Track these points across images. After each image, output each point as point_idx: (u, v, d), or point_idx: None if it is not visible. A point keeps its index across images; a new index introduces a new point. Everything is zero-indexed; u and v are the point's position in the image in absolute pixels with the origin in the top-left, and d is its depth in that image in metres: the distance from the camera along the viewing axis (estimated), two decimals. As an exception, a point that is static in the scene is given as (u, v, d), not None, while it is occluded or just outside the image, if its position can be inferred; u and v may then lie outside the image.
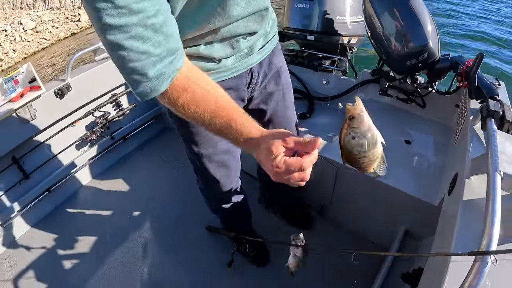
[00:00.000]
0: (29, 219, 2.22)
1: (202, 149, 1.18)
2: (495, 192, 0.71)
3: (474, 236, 0.71)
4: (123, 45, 0.62)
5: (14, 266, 2.00)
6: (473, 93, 1.31)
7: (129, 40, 0.62)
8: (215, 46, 0.92)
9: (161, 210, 2.19)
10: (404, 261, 1.44)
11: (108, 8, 0.58)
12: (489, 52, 5.24)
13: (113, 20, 0.60)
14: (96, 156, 2.50)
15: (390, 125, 1.75)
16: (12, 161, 2.08)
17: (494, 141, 0.86)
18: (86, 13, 0.63)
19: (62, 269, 1.94)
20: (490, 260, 0.61)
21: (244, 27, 0.91)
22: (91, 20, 0.62)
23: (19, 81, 1.98)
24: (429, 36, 1.49)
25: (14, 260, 2.04)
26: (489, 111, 1.01)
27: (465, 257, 0.67)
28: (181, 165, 2.48)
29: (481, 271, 0.62)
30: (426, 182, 1.41)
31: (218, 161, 1.25)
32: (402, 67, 1.58)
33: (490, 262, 0.61)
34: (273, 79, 1.21)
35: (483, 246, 0.65)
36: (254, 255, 1.75)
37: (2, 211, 2.04)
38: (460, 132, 1.38)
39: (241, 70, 1.03)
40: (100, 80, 2.32)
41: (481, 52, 1.33)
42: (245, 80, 1.08)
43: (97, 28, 0.63)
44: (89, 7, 0.60)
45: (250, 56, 1.03)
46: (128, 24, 0.61)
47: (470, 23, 6.53)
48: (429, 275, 1.02)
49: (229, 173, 1.35)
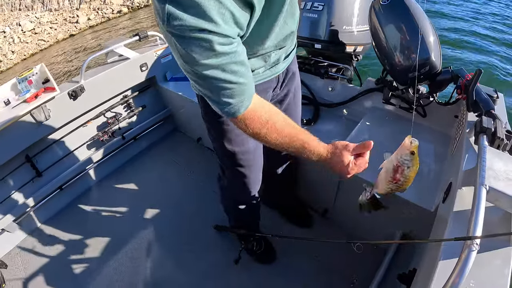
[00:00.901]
0: (41, 215, 2.31)
1: (235, 147, 1.31)
2: (479, 205, 0.79)
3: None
4: (219, 78, 0.78)
5: (26, 260, 2.09)
6: (470, 107, 1.38)
7: (223, 73, 0.78)
8: (251, 61, 1.06)
9: (170, 209, 2.27)
10: (401, 263, 1.53)
11: (208, 53, 0.73)
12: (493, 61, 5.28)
13: (213, 61, 0.74)
14: (107, 156, 2.59)
15: (392, 132, 1.83)
16: (26, 160, 2.16)
17: (484, 157, 0.95)
18: (175, 51, 0.77)
19: (72, 265, 2.02)
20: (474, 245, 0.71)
21: (276, 45, 1.06)
22: (184, 58, 0.76)
23: (32, 82, 2.05)
24: (431, 49, 1.56)
25: (26, 255, 2.13)
26: (482, 127, 1.09)
27: (452, 261, 0.76)
28: (191, 170, 2.56)
29: (467, 256, 0.72)
30: (423, 189, 1.48)
31: (248, 159, 1.38)
32: (404, 78, 1.65)
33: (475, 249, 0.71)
34: (289, 82, 1.37)
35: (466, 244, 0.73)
36: (260, 252, 1.84)
37: (15, 207, 2.13)
38: (457, 142, 1.45)
39: (270, 77, 1.20)
40: (112, 82, 2.40)
41: (480, 69, 1.40)
42: (272, 85, 1.26)
43: (191, 64, 0.76)
44: (186, 50, 0.73)
45: (277, 65, 1.20)
46: (224, 63, 0.76)
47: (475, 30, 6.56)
48: (421, 275, 1.11)
49: (256, 170, 1.48)
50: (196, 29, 0.69)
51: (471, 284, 0.84)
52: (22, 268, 2.05)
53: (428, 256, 1.15)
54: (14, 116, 1.91)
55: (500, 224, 0.99)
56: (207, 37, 0.70)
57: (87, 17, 16.65)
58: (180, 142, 2.86)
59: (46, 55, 14.30)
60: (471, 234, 0.74)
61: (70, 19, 16.67)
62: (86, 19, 16.57)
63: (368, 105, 2.03)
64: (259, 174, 1.53)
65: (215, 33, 0.71)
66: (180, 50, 0.74)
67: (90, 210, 2.39)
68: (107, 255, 2.05)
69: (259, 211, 1.78)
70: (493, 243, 0.93)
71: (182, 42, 0.72)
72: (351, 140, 1.74)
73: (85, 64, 2.20)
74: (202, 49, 0.72)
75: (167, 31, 0.71)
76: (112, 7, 17.06)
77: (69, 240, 2.19)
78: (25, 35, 15.85)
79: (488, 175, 0.88)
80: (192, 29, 0.69)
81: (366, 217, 1.58)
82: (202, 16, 0.68)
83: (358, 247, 1.11)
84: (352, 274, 1.73)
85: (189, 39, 0.71)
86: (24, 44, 15.45)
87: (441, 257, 0.91)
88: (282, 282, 1.77)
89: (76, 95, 2.19)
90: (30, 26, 16.17)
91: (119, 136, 2.62)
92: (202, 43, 0.71)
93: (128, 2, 17.22)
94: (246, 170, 1.44)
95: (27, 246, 2.19)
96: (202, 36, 0.70)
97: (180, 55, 0.76)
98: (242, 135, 1.27)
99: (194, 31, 0.69)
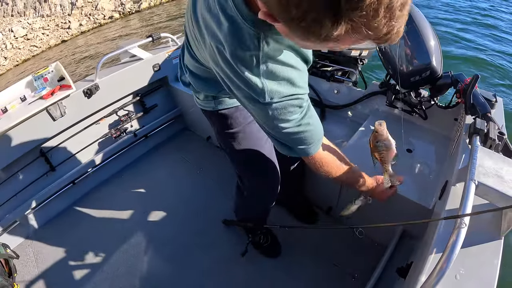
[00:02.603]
0: (53, 208, 2.40)
1: (250, 154, 1.40)
2: (468, 196, 0.88)
3: (451, 230, 0.87)
4: (300, 136, 0.97)
5: (37, 252, 2.17)
6: (468, 110, 1.46)
7: (304, 133, 0.96)
8: None
9: (179, 205, 2.34)
10: (400, 257, 1.60)
11: (297, 109, 0.90)
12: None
13: (298, 115, 0.91)
14: (119, 152, 2.68)
15: (395, 134, 1.89)
16: (40, 154, 2.25)
17: (475, 155, 1.03)
18: (265, 117, 0.93)
19: (82, 256, 2.10)
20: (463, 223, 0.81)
21: None
22: (275, 120, 0.91)
23: (48, 79, 2.12)
24: (432, 55, 1.62)
25: (37, 246, 2.21)
26: (475, 128, 1.17)
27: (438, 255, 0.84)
28: (200, 167, 2.63)
29: (457, 234, 0.80)
30: (423, 187, 1.55)
31: (265, 165, 1.46)
32: (406, 83, 1.73)
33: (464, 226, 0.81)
34: None
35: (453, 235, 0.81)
36: (267, 246, 1.93)
37: (28, 200, 2.22)
38: (456, 144, 1.53)
39: None
40: (125, 81, 2.48)
41: (477, 74, 1.48)
42: None
43: (281, 122, 0.91)
44: (281, 113, 0.89)
45: None
46: (305, 113, 0.93)
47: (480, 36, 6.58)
48: (416, 266, 1.18)
49: (275, 175, 1.54)
50: (291, 96, 0.86)
51: (461, 271, 0.92)
52: (34, 259, 2.13)
53: (423, 249, 1.22)
54: (30, 112, 1.98)
55: (491, 218, 1.07)
56: (298, 99, 0.88)
57: (79, 22, 16.59)
58: (190, 141, 2.94)
59: (38, 61, 14.32)
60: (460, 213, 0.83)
61: (62, 25, 16.66)
62: (78, 24, 16.55)
63: (372, 108, 2.11)
64: (278, 178, 1.57)
65: (303, 94, 0.89)
66: (275, 115, 0.89)
67: (101, 204, 2.47)
68: (118, 248, 2.12)
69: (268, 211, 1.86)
70: (483, 236, 1.02)
71: (279, 109, 0.87)
72: (355, 140, 1.83)
73: (100, 63, 2.26)
74: (294, 108, 0.89)
75: (264, 104, 0.86)
76: (104, 12, 16.99)
77: (79, 232, 2.27)
78: (17, 41, 15.84)
79: (478, 172, 0.96)
80: (288, 97, 0.86)
81: (368, 216, 1.67)
82: (294, 85, 0.85)
83: (360, 232, 1.29)
84: (353, 269, 1.81)
85: (285, 105, 0.87)
86: (17, 50, 15.45)
87: (433, 247, 0.99)
88: (286, 276, 1.85)
89: (91, 93, 2.26)
90: (23, 32, 16.14)
91: (131, 134, 2.70)
92: (295, 107, 0.88)
93: (120, 8, 17.16)
94: (264, 178, 1.51)
95: (38, 238, 2.27)
96: (294, 100, 0.87)
97: (272, 119, 0.90)
98: (257, 142, 1.37)
99: (289, 97, 0.86)
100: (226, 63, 0.84)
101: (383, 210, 1.71)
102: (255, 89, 0.83)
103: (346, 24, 0.48)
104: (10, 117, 1.96)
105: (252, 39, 0.77)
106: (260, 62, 0.80)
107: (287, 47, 0.82)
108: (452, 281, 0.88)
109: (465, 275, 0.90)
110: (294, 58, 0.85)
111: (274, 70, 0.81)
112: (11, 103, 2.03)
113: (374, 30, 0.49)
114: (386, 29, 0.50)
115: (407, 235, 1.68)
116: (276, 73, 0.82)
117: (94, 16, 16.88)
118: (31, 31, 16.34)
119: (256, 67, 0.80)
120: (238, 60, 0.80)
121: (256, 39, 0.77)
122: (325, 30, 0.50)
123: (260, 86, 0.82)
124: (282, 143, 1.01)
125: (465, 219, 0.82)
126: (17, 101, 2.06)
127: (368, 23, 0.48)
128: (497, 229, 1.04)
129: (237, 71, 0.82)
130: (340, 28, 0.49)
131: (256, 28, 0.75)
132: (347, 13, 0.47)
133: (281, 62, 0.82)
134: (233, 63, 0.81)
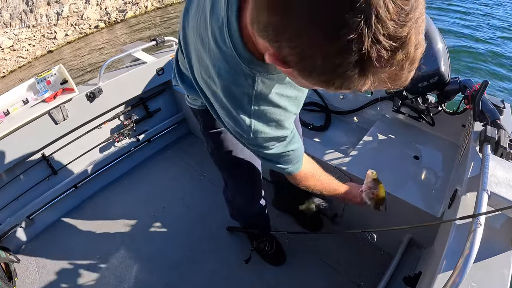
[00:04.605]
0: (54, 212, 2.38)
1: (231, 156, 1.36)
2: (480, 208, 0.85)
3: (463, 240, 0.84)
4: (284, 152, 0.96)
5: (38, 256, 2.14)
6: (477, 116, 1.43)
7: (287, 148, 0.95)
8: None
9: (182, 210, 2.32)
10: (407, 266, 1.57)
11: (280, 143, 0.91)
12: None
13: (281, 145, 0.93)
14: (122, 156, 2.66)
15: (401, 141, 1.87)
16: (42, 158, 2.23)
17: (487, 164, 1.00)
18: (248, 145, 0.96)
19: (84, 261, 2.07)
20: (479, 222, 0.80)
21: None
22: (259, 149, 0.94)
23: (51, 82, 2.10)
24: (440, 60, 1.60)
25: (38, 250, 2.18)
26: (486, 136, 1.15)
27: (454, 261, 0.82)
28: (204, 173, 2.61)
29: (473, 235, 0.79)
30: (431, 195, 1.53)
31: (244, 169, 1.43)
32: (414, 88, 1.71)
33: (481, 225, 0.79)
34: None
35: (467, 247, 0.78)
36: (272, 253, 1.89)
37: (29, 203, 2.20)
38: (464, 151, 1.50)
39: None
40: (129, 85, 2.46)
41: (486, 80, 1.45)
42: None
43: (263, 150, 0.94)
44: (264, 148, 0.92)
45: None
46: (288, 141, 0.93)
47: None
48: (425, 277, 1.15)
49: (255, 180, 1.52)
50: (276, 137, 0.88)
51: (473, 284, 0.89)
52: (35, 263, 2.11)
53: (432, 259, 1.19)
54: (33, 115, 1.97)
55: (502, 229, 1.04)
56: (283, 138, 0.90)
57: (65, 32, 16.55)
58: (193, 145, 2.92)
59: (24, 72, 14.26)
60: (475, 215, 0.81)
61: (48, 35, 16.62)
62: (64, 35, 16.54)
63: (378, 113, 2.08)
64: (259, 184, 1.57)
65: (287, 135, 0.91)
66: (258, 144, 0.91)
67: (103, 209, 2.44)
68: (120, 253, 2.10)
69: (267, 216, 1.83)
70: (494, 247, 0.99)
71: (261, 144, 0.89)
72: (361, 146, 1.80)
73: (104, 67, 2.25)
74: (276, 143, 0.91)
75: (249, 138, 0.85)
76: (89, 22, 16.98)
77: (81, 237, 2.25)
78: (3, 52, 15.74)
79: (490, 181, 0.94)
80: (272, 137, 0.87)
81: (375, 223, 1.64)
82: (281, 127, 0.86)
83: (371, 237, 1.28)
84: (359, 277, 1.77)
85: (268, 141, 0.89)
86: (3, 61, 15.38)
87: (444, 258, 0.96)
88: (291, 284, 1.81)
89: (93, 97, 2.24)
90: (9, 43, 16.06)
91: (134, 138, 2.68)
92: (277, 141, 0.91)
93: (105, 17, 17.14)
94: (245, 180, 1.50)
95: (40, 242, 2.25)
96: (279, 138, 0.89)
97: (254, 146, 0.93)
98: (237, 145, 1.34)
99: (274, 138, 0.88)
100: (214, 96, 0.83)
101: (391, 217, 1.69)
102: (242, 126, 0.82)
103: (373, 79, 0.46)
104: (12, 120, 1.95)
105: (246, 78, 0.74)
106: (252, 101, 0.78)
107: (285, 84, 0.80)
108: None
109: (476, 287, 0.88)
110: (287, 98, 0.83)
111: (264, 111, 0.81)
112: (13, 105, 2.02)
113: (397, 81, 0.48)
114: (405, 78, 0.49)
115: (414, 244, 1.65)
116: (266, 115, 0.81)
117: (80, 26, 16.89)
118: (17, 42, 16.26)
119: (248, 106, 0.78)
120: (230, 96, 0.78)
121: (251, 78, 0.74)
122: (351, 84, 0.47)
123: (248, 124, 0.81)
124: (264, 158, 1.02)
125: (480, 218, 0.80)
126: (19, 103, 2.04)
127: (394, 77, 0.47)
128: (507, 240, 1.01)
129: (226, 106, 0.81)
130: (366, 84, 0.47)
131: (252, 68, 0.72)
132: (376, 71, 0.44)
133: (273, 104, 0.80)
134: (223, 97, 0.79)
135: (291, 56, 0.49)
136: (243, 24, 0.65)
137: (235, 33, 0.67)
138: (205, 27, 0.75)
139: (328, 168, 1.71)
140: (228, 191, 1.70)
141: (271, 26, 0.48)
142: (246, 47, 0.68)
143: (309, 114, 2.32)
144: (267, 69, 0.73)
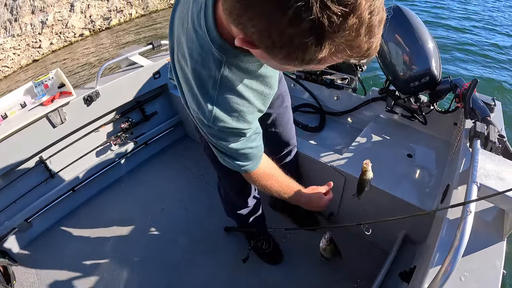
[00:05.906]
0: (52, 216, 2.38)
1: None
2: (470, 197, 0.88)
3: (455, 231, 0.87)
4: (242, 149, 0.96)
5: (36, 259, 2.15)
6: (468, 114, 1.47)
7: (246, 145, 0.95)
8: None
9: (180, 212, 2.33)
10: (402, 262, 1.59)
11: (239, 138, 0.91)
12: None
13: (241, 142, 0.93)
14: (119, 160, 2.67)
15: (395, 140, 1.91)
16: (39, 161, 2.24)
17: (476, 158, 1.03)
18: (207, 135, 0.95)
19: (82, 264, 2.08)
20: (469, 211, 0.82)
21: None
22: (217, 141, 0.94)
23: (48, 86, 2.11)
24: (431, 60, 1.64)
25: (36, 253, 2.19)
26: (476, 132, 1.18)
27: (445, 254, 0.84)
28: (200, 175, 2.63)
29: (464, 222, 0.81)
30: (424, 192, 1.56)
31: None
32: (406, 88, 1.74)
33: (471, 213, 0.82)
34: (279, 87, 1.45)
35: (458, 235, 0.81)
36: (269, 252, 1.92)
37: (27, 207, 2.20)
38: (456, 148, 1.54)
39: None
40: (126, 88, 2.48)
41: (476, 78, 1.49)
42: None
43: (222, 145, 0.94)
44: (222, 138, 0.91)
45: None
46: (248, 137, 0.93)
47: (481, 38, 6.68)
48: (419, 271, 1.18)
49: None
50: (236, 129, 0.86)
51: (465, 273, 0.92)
52: (33, 266, 2.11)
53: (425, 252, 1.22)
54: (30, 119, 1.98)
55: (494, 221, 1.07)
56: (242, 133, 0.89)
57: (50, 41, 16.35)
58: (190, 148, 2.94)
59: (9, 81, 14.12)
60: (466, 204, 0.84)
61: (33, 44, 16.34)
62: (49, 43, 16.33)
63: (371, 114, 2.12)
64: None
65: (247, 129, 0.89)
66: (216, 135, 0.90)
67: (101, 211, 2.45)
68: (118, 255, 2.11)
69: (262, 214, 1.86)
70: (486, 239, 1.02)
71: (220, 135, 0.89)
72: (355, 146, 1.83)
73: (101, 71, 2.26)
74: (236, 138, 0.91)
75: (209, 126, 0.85)
76: (74, 30, 16.80)
77: (80, 240, 2.26)
78: None
79: (479, 174, 0.97)
80: (232, 129, 0.86)
81: (370, 220, 1.66)
82: (242, 120, 0.85)
83: (367, 229, 1.27)
84: (356, 274, 1.80)
85: (227, 134, 0.88)
86: None
87: (437, 250, 0.99)
88: (288, 282, 1.83)
89: (91, 100, 2.26)
90: None
91: (131, 141, 2.69)
92: (237, 136, 0.90)
93: (90, 26, 17.01)
94: (238, 177, 1.52)
95: (38, 245, 2.25)
96: (237, 132, 0.88)
97: (213, 136, 0.92)
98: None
99: (232, 129, 0.86)
100: (185, 80, 0.85)
101: (386, 215, 1.72)
102: (204, 110, 0.82)
103: (330, 46, 0.49)
104: (10, 123, 1.95)
105: (215, 61, 0.76)
106: (216, 86, 0.79)
107: (253, 77, 0.83)
108: (457, 283, 0.88)
109: (469, 277, 0.90)
110: (253, 91, 0.85)
111: (227, 99, 0.81)
112: (11, 109, 2.02)
113: (356, 49, 0.50)
114: (366, 46, 0.51)
115: (409, 240, 1.68)
116: (229, 103, 0.82)
117: (64, 34, 16.65)
118: (2, 51, 15.95)
119: (213, 90, 0.80)
120: (198, 78, 0.80)
121: (218, 62, 0.76)
122: (309, 54, 0.50)
123: (209, 109, 0.81)
124: (221, 152, 1.01)
125: (470, 206, 0.83)
126: (17, 107, 2.05)
127: (351, 43, 0.49)
128: (499, 231, 1.04)
129: (192, 86, 0.82)
130: (324, 51, 0.49)
131: (221, 52, 0.74)
132: (330, 36, 0.47)
133: (238, 93, 0.82)
134: (192, 77, 0.81)
135: (254, 34, 0.52)
136: (220, 13, 0.68)
137: (209, 18, 0.70)
138: (187, 12, 0.79)
139: (324, 167, 1.74)
140: (221, 186, 1.73)
141: (235, 10, 0.51)
142: (221, 34, 0.71)
143: (304, 116, 2.35)
144: (238, 57, 0.75)
